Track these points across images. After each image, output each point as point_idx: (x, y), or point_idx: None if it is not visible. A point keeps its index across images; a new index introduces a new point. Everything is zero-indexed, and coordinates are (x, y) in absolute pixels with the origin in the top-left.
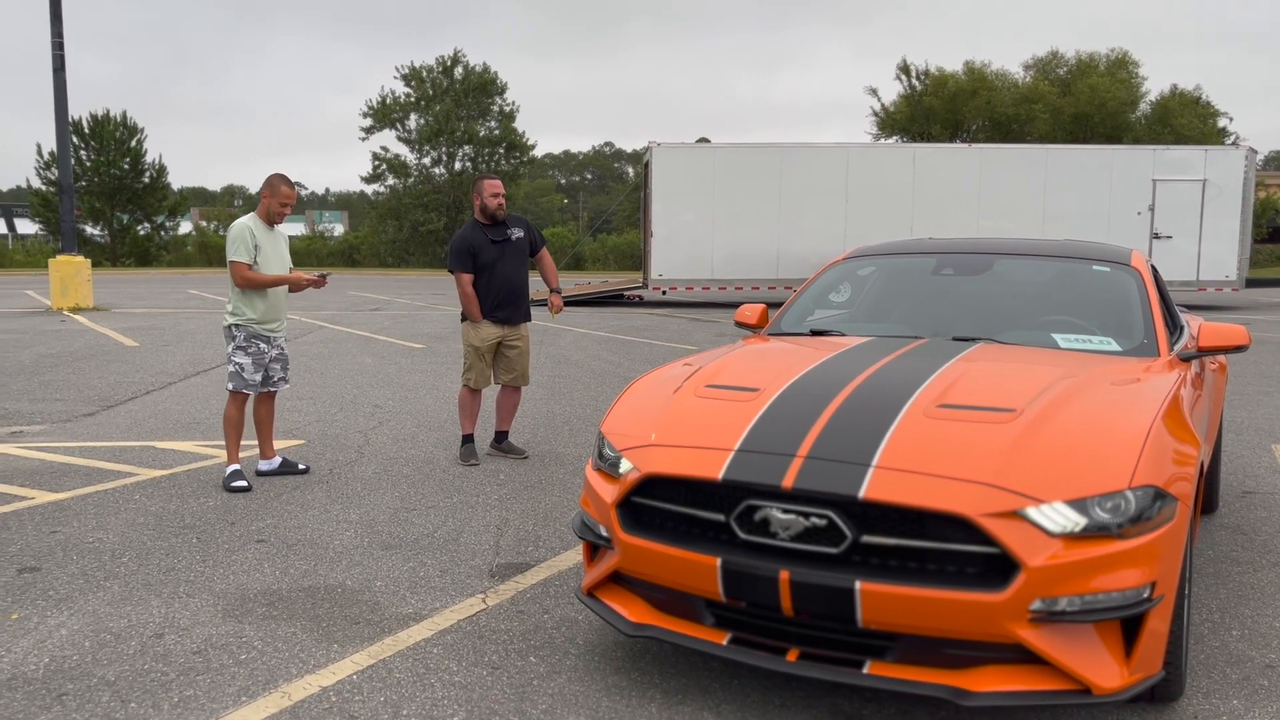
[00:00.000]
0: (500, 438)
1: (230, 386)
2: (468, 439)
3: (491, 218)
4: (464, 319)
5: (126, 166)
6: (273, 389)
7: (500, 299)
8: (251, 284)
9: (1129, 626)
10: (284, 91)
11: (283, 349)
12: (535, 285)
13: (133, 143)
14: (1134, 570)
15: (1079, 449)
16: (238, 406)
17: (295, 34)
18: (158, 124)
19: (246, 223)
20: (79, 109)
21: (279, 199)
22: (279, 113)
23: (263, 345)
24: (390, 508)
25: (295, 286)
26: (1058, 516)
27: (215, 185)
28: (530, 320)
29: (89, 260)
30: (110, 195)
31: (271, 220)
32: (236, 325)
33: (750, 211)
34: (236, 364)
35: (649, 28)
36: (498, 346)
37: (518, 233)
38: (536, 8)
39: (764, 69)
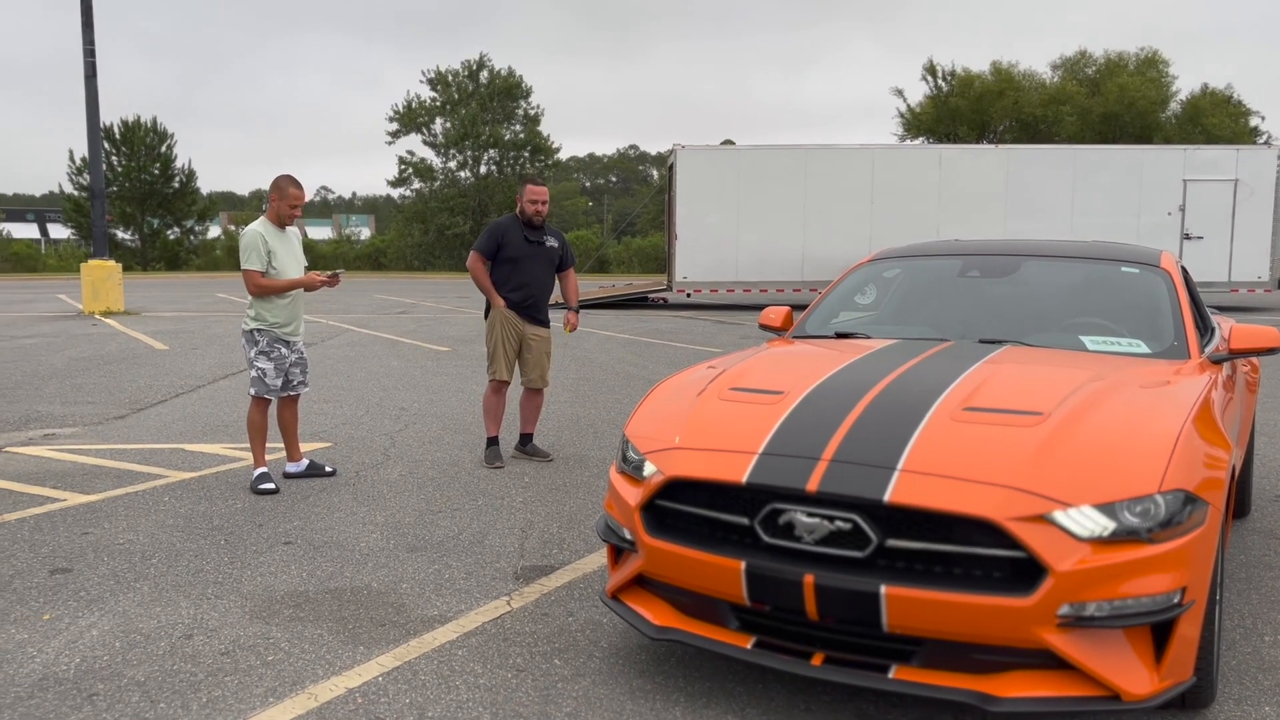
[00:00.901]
0: (525, 440)
1: (253, 392)
2: (492, 441)
3: (529, 221)
4: (487, 314)
5: (156, 171)
6: (294, 393)
7: (520, 290)
8: (265, 291)
9: (1159, 632)
10: (309, 95)
11: (302, 353)
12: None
13: (163, 148)
14: (1164, 575)
15: (1108, 452)
16: (261, 411)
17: (322, 38)
18: (187, 128)
19: (257, 229)
20: (110, 114)
21: (288, 201)
22: (305, 117)
23: (283, 349)
24: (416, 510)
25: (310, 287)
26: (1086, 521)
27: (243, 189)
28: (548, 326)
29: (120, 264)
30: (141, 200)
31: (282, 222)
32: (258, 330)
33: (775, 214)
34: (259, 369)
35: (674, 30)
36: (519, 343)
37: (552, 242)
38: (565, 8)
39: (791, 71)
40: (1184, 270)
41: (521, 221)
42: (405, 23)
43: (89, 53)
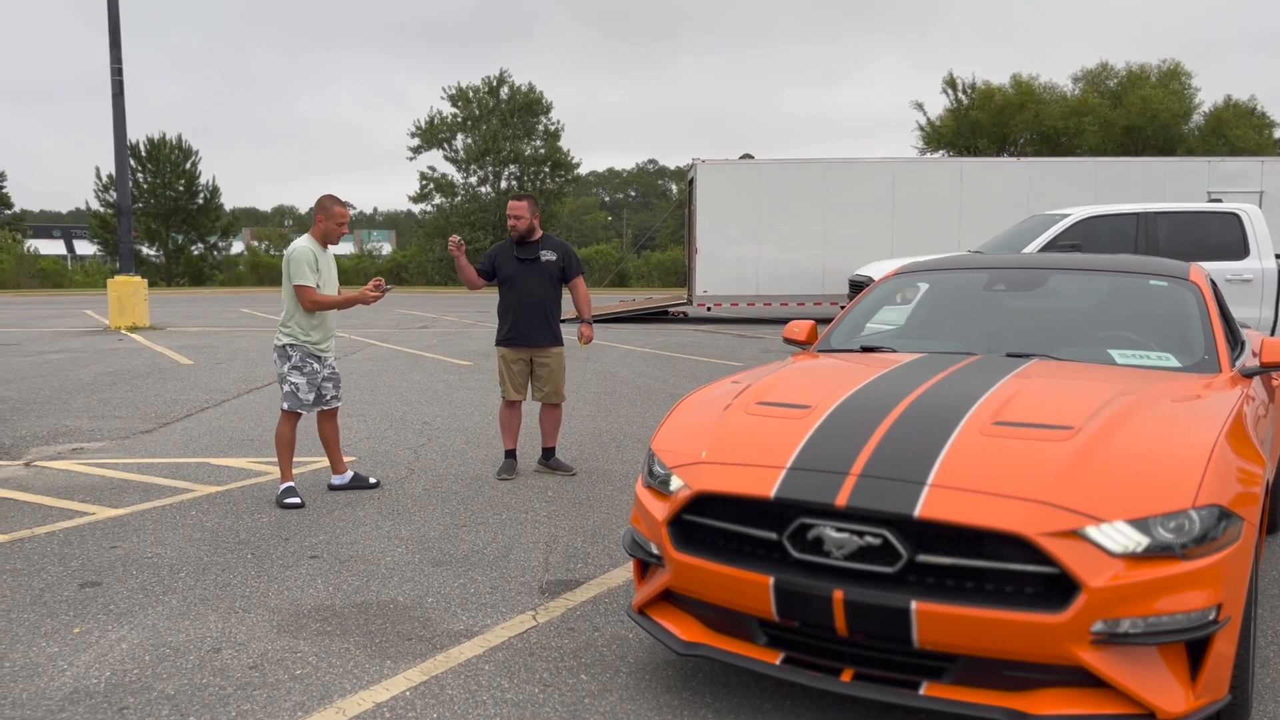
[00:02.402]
0: (547, 454)
1: (285, 406)
2: (508, 454)
3: (519, 239)
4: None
5: (181, 188)
6: (328, 407)
7: (516, 318)
8: (320, 306)
9: (1194, 649)
10: (331, 112)
11: (333, 368)
12: (565, 305)
13: (187, 165)
14: (1199, 592)
15: (1140, 467)
16: (290, 426)
17: (346, 54)
18: (211, 144)
19: (307, 245)
20: (137, 131)
21: (335, 219)
22: (327, 133)
23: (315, 364)
24: (440, 524)
25: (363, 303)
26: (1119, 536)
27: (265, 205)
28: (559, 345)
29: (145, 280)
30: (165, 216)
31: (328, 241)
32: (291, 345)
33: (795, 227)
34: (292, 384)
35: (696, 45)
36: (530, 364)
37: (549, 255)
38: (589, 24)
39: (816, 85)
40: (1213, 283)
41: (513, 240)
42: (430, 40)
43: (116, 71)
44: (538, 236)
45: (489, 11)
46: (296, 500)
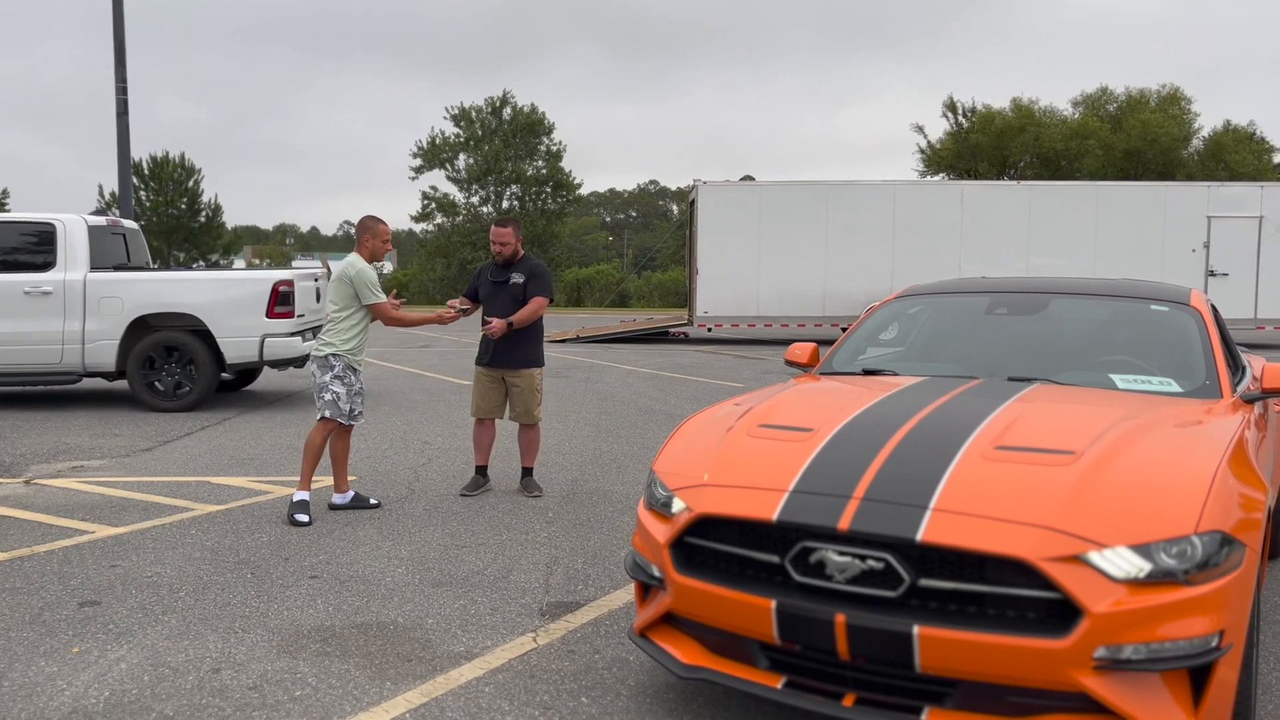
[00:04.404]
0: (524, 474)
1: (326, 414)
2: (477, 470)
3: (497, 262)
4: None
5: (184, 206)
6: (351, 422)
7: (486, 339)
8: (400, 323)
9: (1197, 676)
10: (330, 132)
11: (363, 383)
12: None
13: (190, 183)
14: (1202, 618)
15: (1142, 492)
16: (324, 434)
17: (350, 76)
18: (215, 163)
19: (365, 264)
20: (140, 149)
21: (380, 238)
22: (327, 153)
23: (353, 377)
24: (441, 545)
25: (439, 323)
26: (1121, 562)
27: (266, 224)
28: (531, 367)
29: None
30: (168, 234)
31: (374, 259)
32: (334, 355)
33: (796, 249)
34: (334, 393)
35: (698, 66)
36: (505, 384)
37: (518, 278)
38: (592, 43)
39: (818, 107)
40: (1214, 308)
41: (496, 263)
42: (435, 60)
43: (121, 90)
44: (519, 258)
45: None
46: (305, 519)
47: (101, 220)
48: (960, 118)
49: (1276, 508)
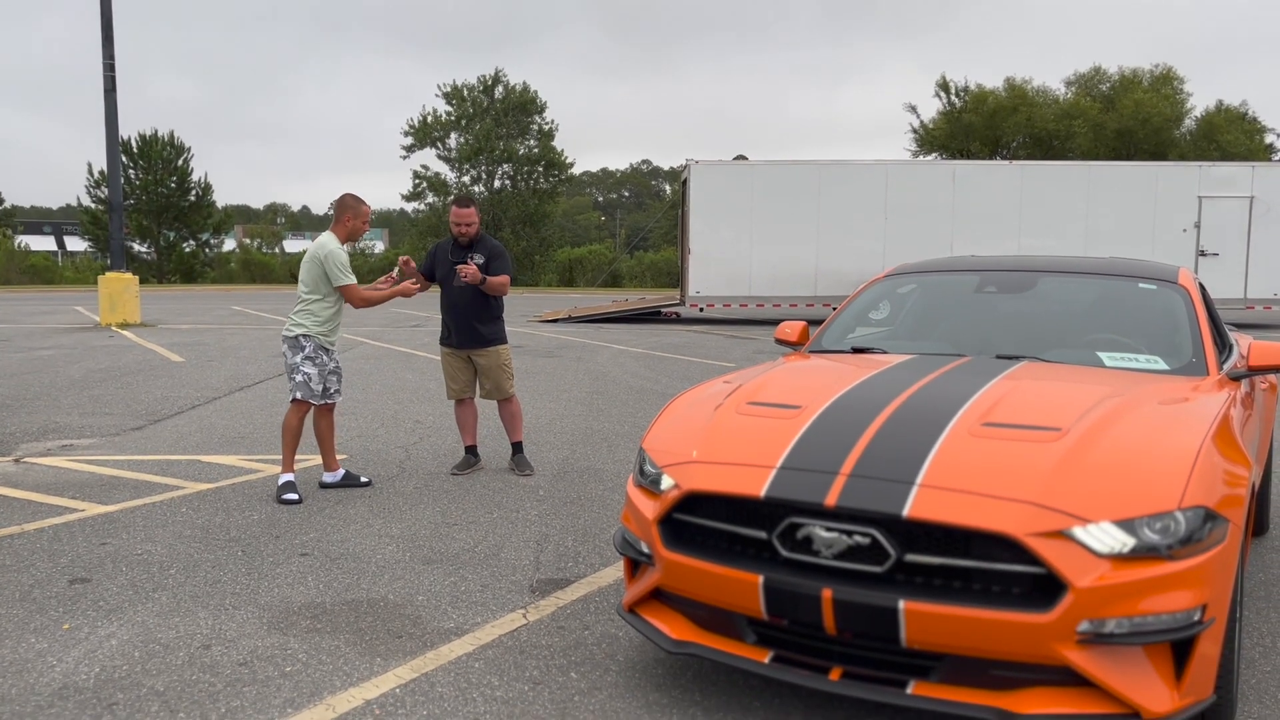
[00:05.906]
0: (514, 449)
1: (298, 396)
2: (467, 450)
3: (456, 242)
4: None
5: (173, 185)
6: (330, 401)
7: (445, 319)
8: (370, 303)
9: (1179, 650)
10: (322, 111)
11: (338, 362)
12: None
13: (179, 162)
14: (1184, 592)
15: (1127, 468)
16: (299, 416)
17: (341, 54)
18: (205, 141)
19: (337, 245)
20: (131, 127)
21: (361, 218)
22: (319, 131)
23: (325, 357)
24: (431, 522)
25: (404, 295)
26: (1105, 537)
27: (257, 203)
28: (493, 345)
29: (136, 277)
30: (157, 213)
31: (351, 239)
32: (304, 336)
33: (788, 229)
34: (305, 374)
35: (691, 46)
36: (472, 366)
37: (478, 259)
38: (587, 23)
39: (814, 88)
40: (1202, 287)
41: (455, 243)
42: (431, 39)
43: (109, 67)
44: (479, 239)
45: (492, 10)
46: (295, 497)
47: None
48: (953, 97)
49: (1260, 484)
